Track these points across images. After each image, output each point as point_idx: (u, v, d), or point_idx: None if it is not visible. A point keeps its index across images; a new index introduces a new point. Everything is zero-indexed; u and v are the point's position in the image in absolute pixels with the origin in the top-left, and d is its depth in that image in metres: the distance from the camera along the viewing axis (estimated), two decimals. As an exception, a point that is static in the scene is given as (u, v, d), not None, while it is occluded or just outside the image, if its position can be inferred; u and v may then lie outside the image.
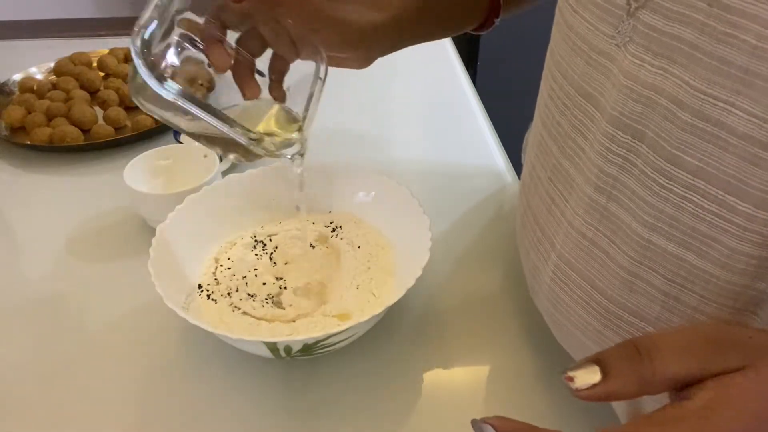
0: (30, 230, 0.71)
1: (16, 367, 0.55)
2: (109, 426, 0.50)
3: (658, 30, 0.33)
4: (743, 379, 0.25)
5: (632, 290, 0.39)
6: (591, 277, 0.42)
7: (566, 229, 0.43)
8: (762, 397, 0.25)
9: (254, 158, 0.50)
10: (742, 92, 0.29)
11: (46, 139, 0.82)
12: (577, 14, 0.41)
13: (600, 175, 0.39)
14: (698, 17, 0.30)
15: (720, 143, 0.30)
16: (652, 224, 0.36)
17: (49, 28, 1.23)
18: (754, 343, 0.27)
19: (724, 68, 0.29)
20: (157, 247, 0.54)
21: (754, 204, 0.31)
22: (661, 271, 0.37)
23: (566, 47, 0.43)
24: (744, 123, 0.29)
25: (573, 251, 0.43)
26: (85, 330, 0.58)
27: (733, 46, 0.29)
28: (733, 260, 0.33)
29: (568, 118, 0.43)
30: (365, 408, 0.50)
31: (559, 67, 0.44)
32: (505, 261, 0.65)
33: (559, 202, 0.45)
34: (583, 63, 0.40)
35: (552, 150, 0.45)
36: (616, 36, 0.36)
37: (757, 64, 0.28)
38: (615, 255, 0.39)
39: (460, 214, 0.73)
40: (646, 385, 0.27)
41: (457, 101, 0.97)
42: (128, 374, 0.54)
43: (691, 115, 0.31)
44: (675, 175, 0.33)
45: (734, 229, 0.32)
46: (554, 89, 0.45)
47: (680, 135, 0.32)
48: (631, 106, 0.35)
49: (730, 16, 0.29)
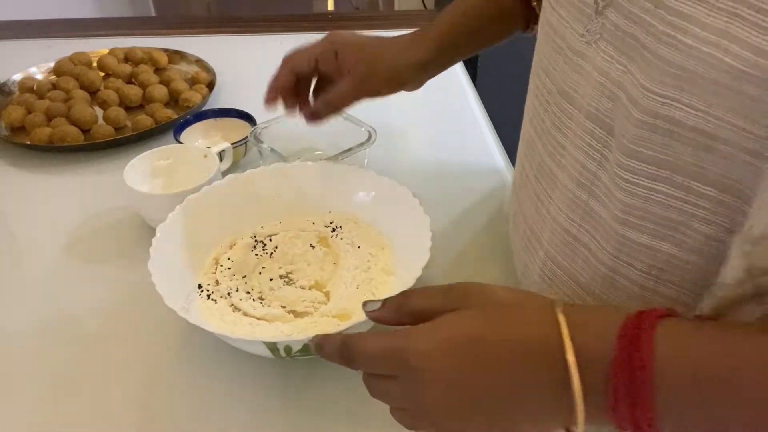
0: (30, 230, 0.71)
1: (17, 367, 0.55)
2: (110, 426, 0.50)
3: (621, 29, 0.34)
4: (450, 314, 0.35)
5: (613, 286, 0.40)
6: (575, 274, 0.43)
7: (552, 226, 0.44)
8: (455, 325, 0.34)
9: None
10: (685, 89, 0.30)
11: (46, 139, 0.82)
12: (555, 12, 0.42)
13: (582, 171, 0.40)
14: (646, 17, 0.32)
15: (674, 136, 0.32)
16: (624, 219, 0.37)
17: (49, 28, 1.23)
18: (470, 294, 0.36)
19: (665, 67, 0.31)
20: (157, 247, 0.54)
21: (717, 188, 0.32)
22: (637, 265, 0.38)
23: (548, 45, 0.44)
24: (692, 117, 0.31)
25: (558, 248, 0.44)
26: (84, 330, 0.58)
27: (672, 46, 0.30)
28: (707, 246, 0.34)
29: (550, 115, 0.44)
30: (365, 408, 0.50)
31: (542, 65, 0.45)
32: (502, 260, 0.65)
33: (544, 199, 0.46)
34: (562, 61, 0.41)
35: (537, 147, 0.47)
36: (585, 34, 0.38)
37: (694, 63, 0.29)
38: (596, 251, 0.40)
39: (460, 213, 0.73)
40: (401, 314, 0.38)
41: (457, 101, 0.97)
42: (128, 374, 0.54)
43: (642, 113, 0.33)
44: (639, 168, 0.35)
45: (703, 213, 0.33)
46: (538, 86, 0.46)
47: (635, 131, 0.34)
48: (604, 103, 0.37)
49: (670, 17, 0.30)
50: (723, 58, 0.28)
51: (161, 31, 1.21)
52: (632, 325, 0.30)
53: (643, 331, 0.30)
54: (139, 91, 0.93)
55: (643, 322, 0.30)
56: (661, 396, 0.29)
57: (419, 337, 0.35)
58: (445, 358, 0.33)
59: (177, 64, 1.04)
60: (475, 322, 0.34)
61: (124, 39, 1.11)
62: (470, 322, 0.34)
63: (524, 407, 0.33)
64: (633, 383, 0.29)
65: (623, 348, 0.30)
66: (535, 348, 0.32)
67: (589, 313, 0.34)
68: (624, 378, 0.29)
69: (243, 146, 0.78)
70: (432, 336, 0.34)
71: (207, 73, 0.99)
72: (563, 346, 0.31)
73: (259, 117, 0.82)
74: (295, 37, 1.21)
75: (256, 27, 1.25)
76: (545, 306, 0.33)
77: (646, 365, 0.29)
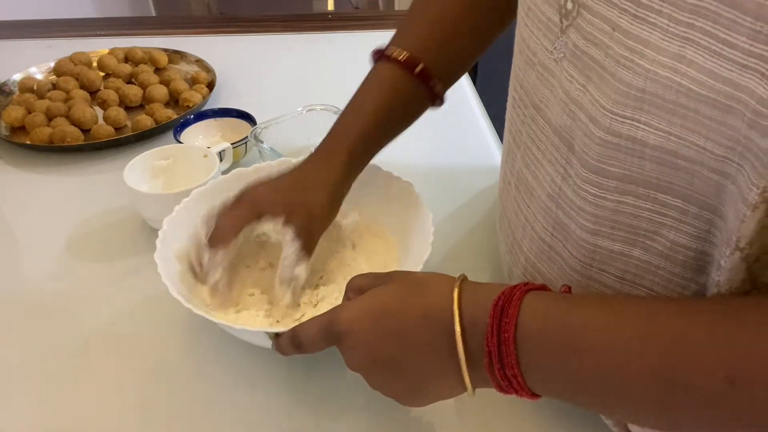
0: (30, 230, 0.72)
1: (17, 366, 0.55)
2: (112, 423, 0.50)
3: (580, 49, 0.36)
4: (373, 289, 0.40)
5: (588, 290, 0.42)
6: (552, 279, 0.45)
7: (530, 233, 0.47)
8: (374, 297, 0.39)
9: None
10: (644, 109, 0.32)
11: (46, 139, 0.82)
12: (527, 27, 0.44)
13: (551, 183, 0.42)
14: (604, 40, 0.33)
15: (636, 154, 0.34)
16: (595, 230, 0.39)
17: (49, 28, 1.23)
18: (395, 274, 0.42)
19: (625, 89, 0.32)
20: (163, 239, 0.54)
21: (683, 199, 0.34)
22: (611, 271, 0.40)
23: (522, 59, 0.45)
24: (652, 136, 0.32)
25: (537, 255, 0.46)
26: (85, 329, 0.58)
27: (631, 69, 0.32)
28: (674, 252, 0.36)
29: (525, 127, 0.46)
30: (365, 402, 0.50)
31: (518, 77, 0.47)
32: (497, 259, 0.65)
33: (523, 207, 0.48)
34: (534, 75, 0.43)
35: (516, 157, 0.48)
36: (554, 51, 0.39)
37: (652, 85, 0.31)
38: (568, 258, 0.43)
39: (459, 212, 0.73)
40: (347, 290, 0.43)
41: (458, 101, 0.97)
42: (129, 373, 0.54)
43: (604, 132, 0.34)
44: (603, 183, 0.37)
45: (671, 222, 0.35)
46: (515, 99, 0.48)
47: (598, 149, 0.36)
48: (564, 120, 0.39)
49: (627, 40, 0.32)
50: (680, 81, 0.29)
51: (161, 31, 1.21)
52: (505, 297, 0.35)
53: (513, 301, 0.34)
54: (139, 91, 0.93)
55: (513, 294, 0.35)
56: (523, 357, 0.34)
57: (345, 308, 0.40)
58: (362, 323, 0.39)
59: (177, 64, 1.04)
60: (390, 294, 0.39)
61: (124, 39, 1.11)
62: (387, 294, 0.39)
63: (428, 369, 0.38)
64: (500, 345, 0.34)
65: (495, 316, 0.34)
66: (434, 316, 0.37)
67: (481, 288, 0.37)
68: (493, 341, 0.34)
69: (243, 146, 0.78)
70: (354, 306, 0.40)
71: (207, 73, 0.99)
72: (454, 315, 0.35)
73: (259, 117, 0.82)
74: (296, 37, 1.22)
75: (256, 27, 1.25)
76: (449, 281, 0.38)
77: (509, 329, 0.33)
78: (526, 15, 0.44)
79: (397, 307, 0.38)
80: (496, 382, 0.35)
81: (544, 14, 0.40)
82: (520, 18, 0.46)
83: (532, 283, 0.36)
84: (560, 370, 0.33)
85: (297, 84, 1.01)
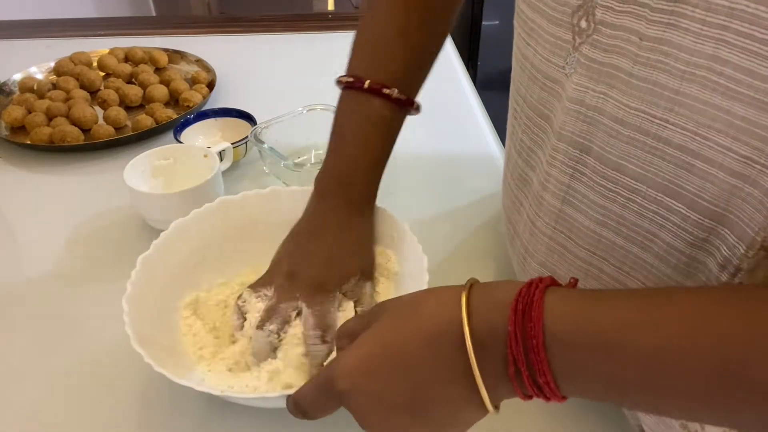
0: (30, 230, 0.72)
1: (17, 367, 0.55)
2: (112, 423, 0.50)
3: (597, 61, 0.38)
4: (364, 333, 0.37)
5: (588, 275, 0.45)
6: (552, 266, 0.48)
7: (531, 228, 0.49)
8: (368, 340, 0.36)
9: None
10: (675, 110, 0.33)
11: (46, 139, 0.82)
12: (530, 47, 0.46)
13: (555, 183, 0.44)
14: (631, 49, 0.35)
15: (658, 153, 0.35)
16: (603, 221, 0.41)
17: (49, 28, 1.23)
18: (381, 307, 0.38)
19: (657, 90, 0.34)
20: (135, 281, 0.51)
21: (687, 205, 0.35)
22: (611, 260, 0.43)
23: (524, 75, 0.48)
24: (678, 136, 0.34)
25: (537, 247, 0.49)
26: (84, 329, 0.58)
27: (665, 71, 0.33)
28: (669, 254, 0.38)
29: (529, 135, 0.48)
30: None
31: (519, 92, 0.49)
32: (499, 258, 0.65)
33: (525, 204, 0.50)
34: (539, 89, 0.45)
35: (518, 162, 0.51)
36: (566, 66, 0.41)
37: (686, 85, 0.32)
38: (572, 248, 0.45)
39: (459, 211, 0.73)
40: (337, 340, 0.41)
41: (457, 100, 0.97)
42: (128, 374, 0.54)
43: (633, 131, 0.36)
44: (620, 180, 0.39)
45: (670, 226, 0.37)
46: (516, 110, 0.51)
47: (624, 147, 0.37)
48: (579, 126, 0.40)
49: (660, 46, 0.33)
50: (717, 80, 0.31)
51: (161, 31, 1.21)
52: (523, 299, 0.32)
53: (534, 303, 0.32)
54: (139, 91, 0.93)
55: (533, 295, 0.32)
56: (556, 362, 0.31)
57: (340, 363, 0.37)
58: (364, 375, 0.35)
59: (177, 64, 1.04)
60: (385, 328, 0.36)
61: (124, 39, 1.11)
62: (380, 332, 0.36)
63: (442, 395, 0.34)
64: (528, 353, 0.31)
65: (517, 322, 0.31)
66: (443, 330, 0.33)
67: (491, 290, 0.34)
68: (519, 348, 0.31)
69: (243, 146, 0.78)
70: (350, 355, 0.36)
71: (207, 73, 0.99)
72: (463, 324, 0.33)
73: (259, 117, 0.82)
74: (296, 37, 1.22)
75: (256, 27, 1.25)
76: (451, 290, 0.35)
77: (537, 335, 0.31)
78: (528, 36, 0.46)
79: (395, 339, 0.35)
80: (523, 390, 0.33)
81: (552, 35, 0.42)
82: (519, 37, 0.48)
83: (545, 278, 0.34)
84: (600, 372, 0.31)
85: (297, 84, 1.01)
